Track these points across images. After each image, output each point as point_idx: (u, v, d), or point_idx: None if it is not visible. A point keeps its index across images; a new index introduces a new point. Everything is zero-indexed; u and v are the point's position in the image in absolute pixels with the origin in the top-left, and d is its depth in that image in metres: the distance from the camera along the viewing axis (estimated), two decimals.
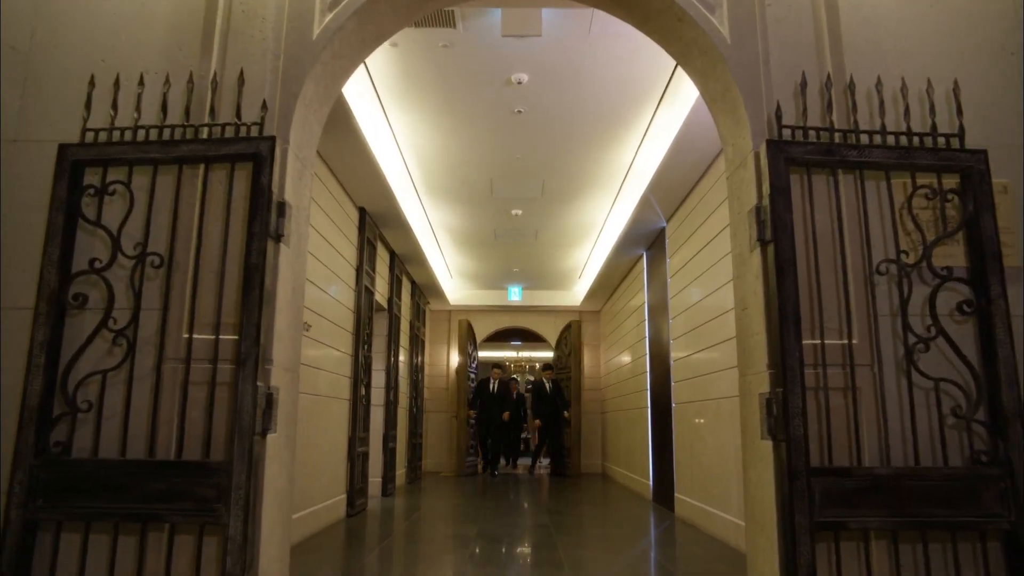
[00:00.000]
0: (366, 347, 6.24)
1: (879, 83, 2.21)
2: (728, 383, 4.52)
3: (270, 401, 2.01)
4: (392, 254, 7.66)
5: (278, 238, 2.11)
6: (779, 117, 2.17)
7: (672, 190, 5.55)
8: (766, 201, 2.10)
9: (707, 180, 5.07)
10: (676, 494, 5.94)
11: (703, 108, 4.16)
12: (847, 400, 2.04)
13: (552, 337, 11.49)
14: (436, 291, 9.93)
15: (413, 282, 9.21)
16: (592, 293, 10.05)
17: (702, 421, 5.16)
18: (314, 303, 4.78)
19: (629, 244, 7.23)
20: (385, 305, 7.40)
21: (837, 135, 2.18)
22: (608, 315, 10.57)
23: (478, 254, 8.77)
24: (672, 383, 6.16)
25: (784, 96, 2.24)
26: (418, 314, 9.63)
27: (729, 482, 4.50)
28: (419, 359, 9.78)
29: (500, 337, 13.68)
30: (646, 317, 7.44)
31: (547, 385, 10.46)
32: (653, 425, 7.04)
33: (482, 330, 11.49)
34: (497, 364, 11.07)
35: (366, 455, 6.23)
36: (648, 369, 7.27)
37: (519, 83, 4.32)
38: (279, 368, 2.11)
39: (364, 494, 6.16)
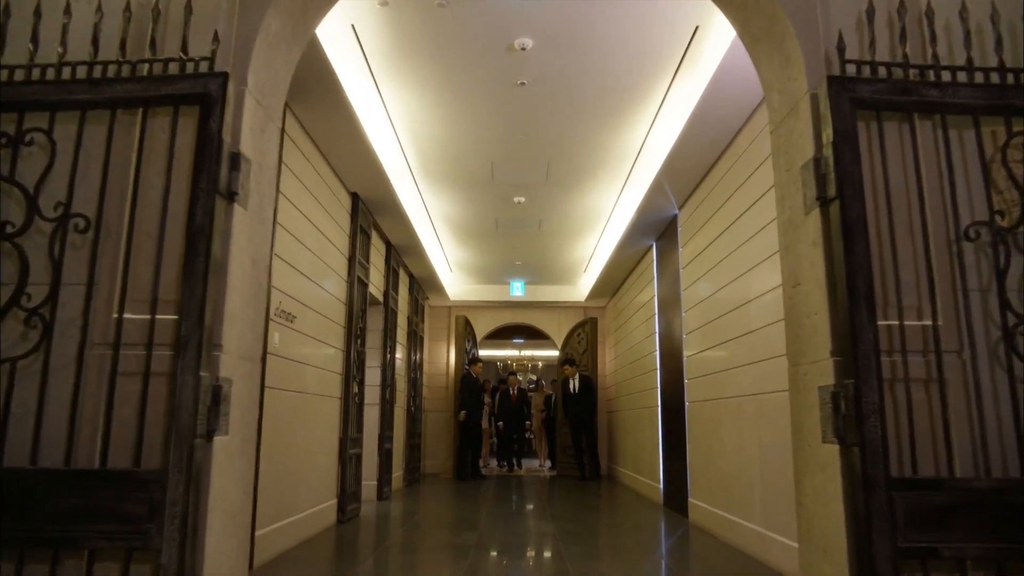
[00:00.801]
0: (359, 342, 5.86)
1: (964, 9, 1.82)
2: (751, 379, 4.13)
3: (217, 396, 1.63)
4: (388, 245, 7.27)
5: (231, 196, 1.73)
6: (841, 50, 1.78)
7: (687, 172, 5.16)
8: (828, 151, 1.72)
9: (726, 159, 4.67)
10: (690, 499, 5.55)
11: (725, 77, 3.78)
12: (930, 394, 1.65)
13: (556, 334, 11.10)
14: (435, 286, 9.55)
15: (411, 276, 8.83)
16: (598, 288, 9.66)
17: (724, 422, 4.77)
18: (301, 293, 4.40)
19: (638, 234, 6.84)
20: (380, 299, 7.02)
21: (912, 72, 1.79)
22: (614, 311, 10.17)
23: (479, 246, 8.38)
24: (685, 381, 5.77)
25: (845, 27, 1.85)
26: (416, 310, 9.25)
27: (751, 488, 4.11)
28: (418, 357, 9.40)
29: (501, 335, 13.30)
30: (656, 312, 7.05)
31: (572, 383, 9.58)
32: (664, 425, 6.65)
33: (483, 327, 11.10)
34: (512, 372, 11.08)
35: (359, 457, 5.85)
36: (658, 366, 6.89)
37: (523, 49, 3.93)
38: (232, 356, 1.73)
39: (357, 499, 5.78)
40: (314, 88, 4.01)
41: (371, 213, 6.23)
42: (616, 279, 9.01)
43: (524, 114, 4.83)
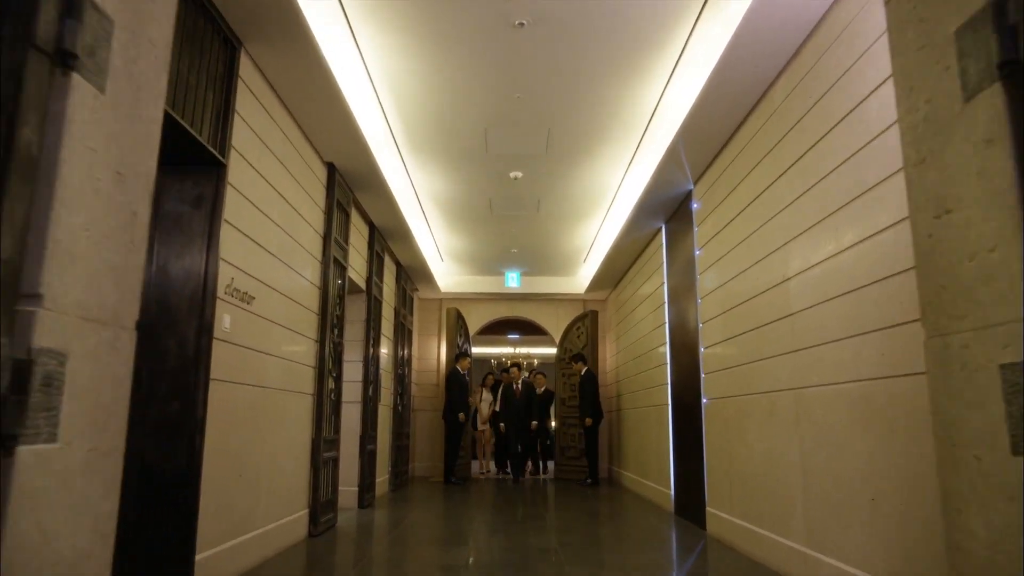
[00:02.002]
0: (336, 332, 5.21)
1: None
2: (788, 371, 3.50)
3: (25, 375, 0.98)
4: (371, 227, 6.62)
5: (64, 59, 1.08)
6: None
7: (707, 136, 4.53)
8: None
9: (757, 117, 4.05)
10: (708, 508, 4.92)
11: (761, 11, 3.16)
12: None
13: (554, 329, 10.46)
14: (425, 275, 8.90)
15: (399, 264, 8.18)
16: (598, 279, 9.03)
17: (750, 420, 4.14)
18: (262, 271, 3.75)
19: (646, 215, 6.22)
20: (363, 286, 6.37)
21: None
22: (615, 304, 9.55)
23: (471, 230, 7.73)
24: (702, 375, 5.15)
25: None
26: (404, 301, 8.60)
27: (788, 499, 3.48)
28: (406, 352, 8.75)
29: (495, 330, 12.66)
30: (665, 301, 6.43)
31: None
32: (675, 425, 6.03)
33: (476, 321, 10.46)
34: (515, 363, 9.95)
35: (336, 461, 5.20)
36: (668, 360, 6.26)
37: None
38: (69, 316, 1.08)
39: (333, 508, 5.13)
40: (281, 40, 3.37)
41: (350, 189, 5.58)
42: (619, 269, 8.39)
43: (522, 66, 4.19)
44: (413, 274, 8.81)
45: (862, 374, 2.77)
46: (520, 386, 9.61)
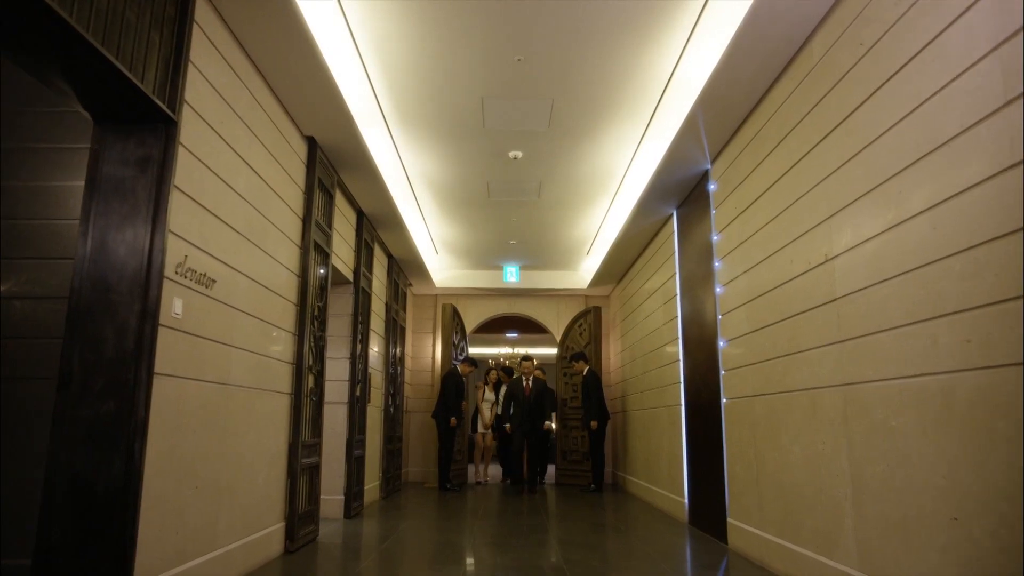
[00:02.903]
0: (318, 325, 4.72)
1: None
2: (831, 364, 3.02)
3: None
4: (360, 214, 6.14)
5: None
6: None
7: (730, 106, 4.06)
8: None
9: (787, 80, 3.57)
10: (730, 519, 4.44)
11: None
12: None
13: (555, 326, 9.97)
14: (418, 269, 8.40)
15: (391, 257, 7.69)
16: (602, 273, 8.56)
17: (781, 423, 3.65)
18: (226, 251, 3.26)
19: (657, 199, 5.74)
20: (350, 277, 5.88)
21: None
22: (619, 299, 9.07)
23: (468, 218, 7.24)
24: (721, 372, 4.67)
25: None
26: (397, 296, 8.11)
27: (836, 513, 3.00)
28: (399, 350, 8.26)
29: (493, 328, 12.18)
30: (677, 293, 5.95)
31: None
32: (689, 427, 5.55)
33: (473, 318, 9.97)
34: (526, 357, 8.99)
35: (316, 468, 4.70)
36: (681, 357, 5.78)
37: None
38: None
39: (312, 520, 4.63)
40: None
41: (334, 169, 5.09)
42: (625, 260, 7.90)
43: (524, 23, 3.71)
44: (406, 267, 8.32)
45: (939, 366, 2.28)
46: (531, 383, 8.26)
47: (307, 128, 4.44)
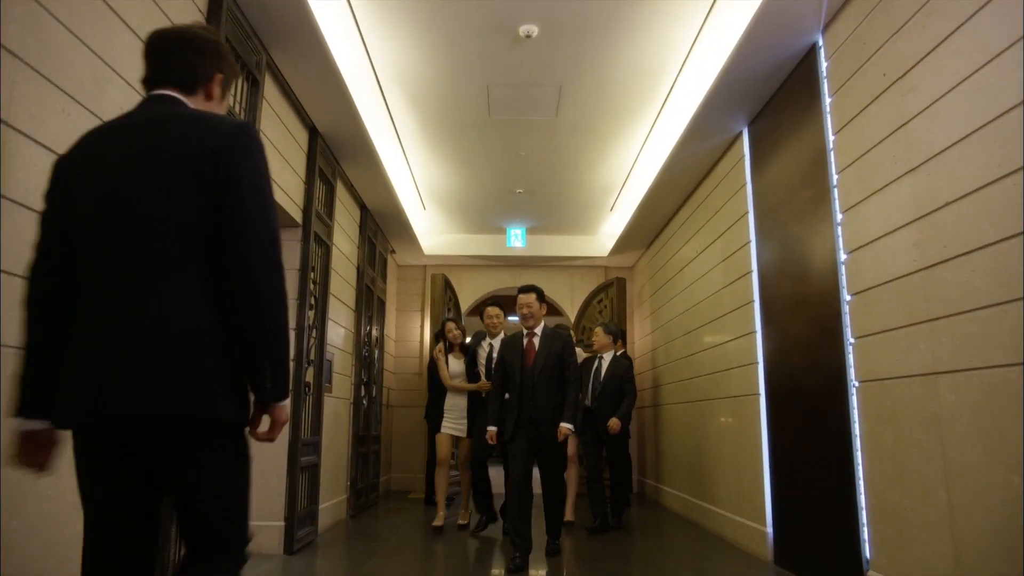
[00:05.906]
0: None
1: None
2: None
3: None
4: (313, 131, 4.47)
5: None
6: None
7: None
8: None
9: None
10: (871, 572, 2.80)
11: None
12: None
13: (568, 304, 8.30)
14: (402, 228, 6.74)
15: (364, 208, 6.03)
16: (629, 235, 6.90)
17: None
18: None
19: (721, 109, 4.09)
20: (297, 217, 4.24)
21: None
22: (647, 271, 7.41)
23: (461, 151, 5.55)
24: (849, 341, 3.03)
25: None
26: (374, 261, 6.46)
27: None
28: (377, 329, 6.60)
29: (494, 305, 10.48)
30: (751, 238, 4.30)
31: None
32: (774, 425, 3.91)
33: (470, 293, 8.31)
34: (493, 300, 5.50)
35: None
36: (759, 326, 4.13)
37: None
38: None
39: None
40: None
41: (264, 48, 3.42)
42: (662, 213, 6.23)
43: None
44: (386, 225, 6.64)
45: None
46: (538, 340, 4.38)
47: None
